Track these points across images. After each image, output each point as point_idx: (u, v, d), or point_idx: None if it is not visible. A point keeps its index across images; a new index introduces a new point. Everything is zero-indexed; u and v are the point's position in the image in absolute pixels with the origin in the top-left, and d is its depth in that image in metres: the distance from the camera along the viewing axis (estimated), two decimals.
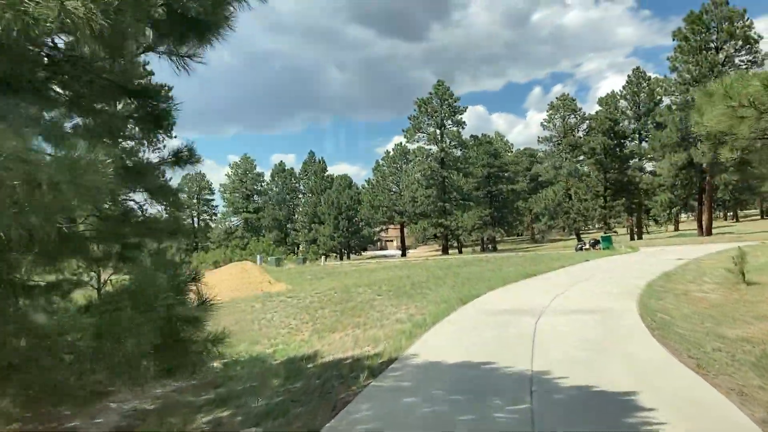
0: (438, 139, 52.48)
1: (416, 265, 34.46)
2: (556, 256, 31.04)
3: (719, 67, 43.76)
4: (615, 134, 61.20)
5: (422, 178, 52.05)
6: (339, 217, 69.33)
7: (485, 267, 27.74)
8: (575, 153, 63.31)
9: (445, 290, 19.06)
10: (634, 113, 70.04)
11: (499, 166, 68.02)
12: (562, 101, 63.87)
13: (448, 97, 52.25)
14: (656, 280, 17.62)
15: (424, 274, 26.17)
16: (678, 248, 32.08)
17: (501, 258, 33.84)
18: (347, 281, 26.74)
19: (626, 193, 61.63)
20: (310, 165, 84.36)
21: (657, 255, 26.75)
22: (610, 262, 24.98)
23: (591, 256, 28.01)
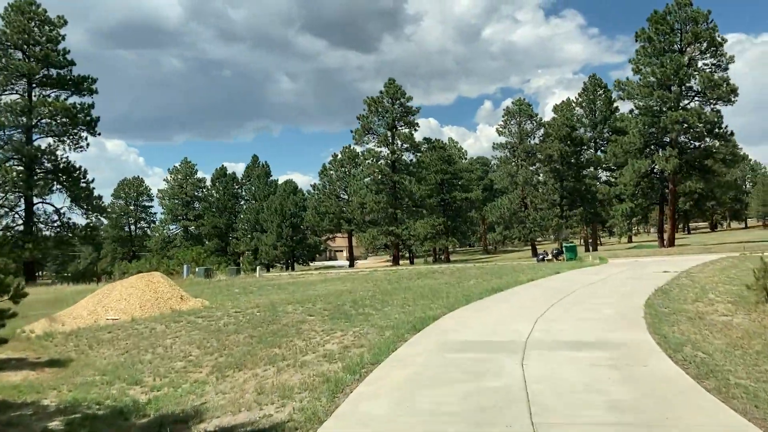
0: (389, 142, 48.79)
1: (362, 276, 30.53)
2: (518, 268, 27.61)
3: (684, 69, 41.65)
4: (572, 141, 58.91)
5: (372, 183, 48.21)
6: (282, 224, 64.83)
7: (441, 280, 24.00)
8: (531, 160, 60.74)
9: (393, 310, 15.20)
10: (590, 121, 68.18)
11: (453, 173, 64.87)
12: (518, 106, 61.36)
13: (400, 97, 48.75)
14: (653, 297, 14.21)
15: (369, 289, 22.25)
16: (651, 259, 29.16)
17: (457, 269, 30.22)
18: (279, 296, 22.53)
19: (584, 202, 59.34)
20: (253, 170, 79.54)
21: (634, 267, 23.55)
22: (584, 274, 21.60)
23: (560, 268, 24.66)
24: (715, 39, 41.91)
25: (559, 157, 58.32)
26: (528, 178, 59.67)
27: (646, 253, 39.50)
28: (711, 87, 41.47)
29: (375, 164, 48.22)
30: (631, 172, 44.91)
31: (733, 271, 19.68)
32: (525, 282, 19.46)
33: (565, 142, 58.44)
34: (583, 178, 60.33)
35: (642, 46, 44.13)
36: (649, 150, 46.71)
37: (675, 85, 42.53)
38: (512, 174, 60.80)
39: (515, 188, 60.55)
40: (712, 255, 29.23)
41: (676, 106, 42.28)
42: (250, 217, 72.12)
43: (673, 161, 41.71)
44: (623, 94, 44.97)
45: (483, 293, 16.65)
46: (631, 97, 44.62)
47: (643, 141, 45.30)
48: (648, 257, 31.87)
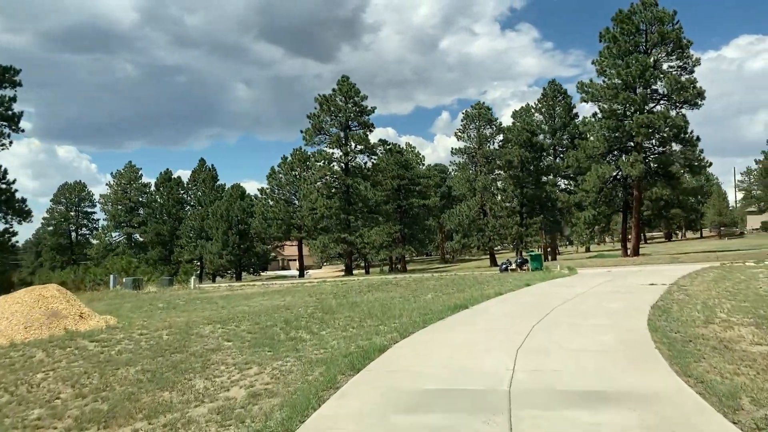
0: (342, 143, 45.61)
1: (307, 289, 27.26)
2: (481, 279, 24.79)
3: (651, 71, 39.89)
4: (532, 146, 56.97)
5: (323, 187, 44.91)
6: (229, 232, 60.84)
7: (395, 293, 20.97)
8: (491, 166, 58.52)
9: (332, 335, 12.09)
10: (549, 128, 66.54)
11: (411, 179, 62.18)
12: (477, 110, 59.13)
13: (354, 95, 45.69)
14: (654, 318, 11.47)
15: (311, 304, 19.09)
16: (624, 270, 26.78)
17: (414, 280, 27.24)
18: (203, 313, 19.08)
19: (544, 210, 57.41)
20: (199, 174, 75.19)
21: (612, 279, 20.95)
22: (558, 286, 18.86)
23: (528, 279, 21.91)
24: (682, 40, 40.35)
25: (519, 163, 56.28)
26: (487, 184, 57.38)
27: (612, 262, 37.35)
28: (678, 89, 39.84)
29: (327, 166, 44.91)
30: (595, 178, 42.89)
31: (727, 283, 17.24)
32: (492, 296, 16.55)
33: (525, 147, 56.44)
34: (543, 185, 58.44)
35: (607, 46, 42.28)
36: (612, 155, 44.87)
37: (640, 87, 40.77)
38: (471, 180, 58.41)
39: (474, 195, 58.16)
40: (687, 265, 27.07)
41: (641, 109, 40.47)
42: (195, 224, 67.76)
43: (639, 167, 39.84)
44: (587, 96, 42.98)
45: (444, 311, 13.65)
46: (595, 99, 42.68)
47: (607, 145, 43.39)
48: (619, 267, 29.54)
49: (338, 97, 45.60)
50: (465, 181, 59.60)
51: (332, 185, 46.48)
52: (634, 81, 40.45)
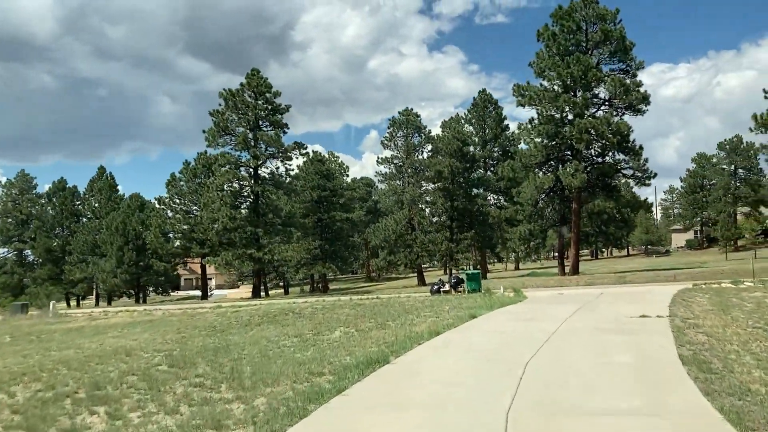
0: (250, 144, 39.56)
1: (185, 320, 21.25)
2: (410, 305, 19.57)
3: (593, 71, 36.40)
4: (463, 157, 52.88)
5: (227, 195, 38.66)
6: (125, 247, 53.25)
7: (293, 328, 15.46)
8: (419, 177, 53.97)
9: (139, 424, 6.37)
10: (480, 139, 62.92)
11: (333, 190, 56.78)
12: (405, 117, 54.59)
13: (266, 90, 39.85)
14: (709, 389, 6.55)
15: (166, 347, 13.34)
16: (578, 293, 22.28)
17: (327, 306, 21.73)
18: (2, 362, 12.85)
19: (475, 225, 53.30)
20: (96, 182, 66.93)
21: (579, 307, 16.17)
22: (512, 320, 13.85)
23: (469, 306, 16.86)
24: (625, 40, 37.17)
25: (449, 174, 51.98)
26: (415, 196, 52.69)
27: (554, 282, 33.18)
28: (622, 92, 36.51)
29: (231, 171, 38.71)
30: (532, 189, 38.92)
31: (738, 312, 12.79)
32: (425, 337, 11.31)
33: (455, 157, 52.26)
34: (474, 198, 54.41)
35: (546, 45, 38.57)
36: (550, 165, 41.14)
37: (582, 89, 37.21)
38: (398, 192, 53.58)
39: (401, 208, 53.36)
40: (646, 286, 23.03)
41: (582, 114, 36.90)
42: (88, 239, 59.54)
43: (580, 177, 36.09)
44: (523, 100, 39.03)
45: (349, 371, 8.28)
46: (533, 103, 38.77)
47: (545, 154, 39.57)
48: (568, 289, 25.12)
49: (247, 93, 39.66)
50: (392, 193, 54.74)
51: (238, 193, 40.27)
52: (576, 83, 36.87)
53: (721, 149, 78.05)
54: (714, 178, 79.83)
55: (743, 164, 75.74)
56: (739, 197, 74.98)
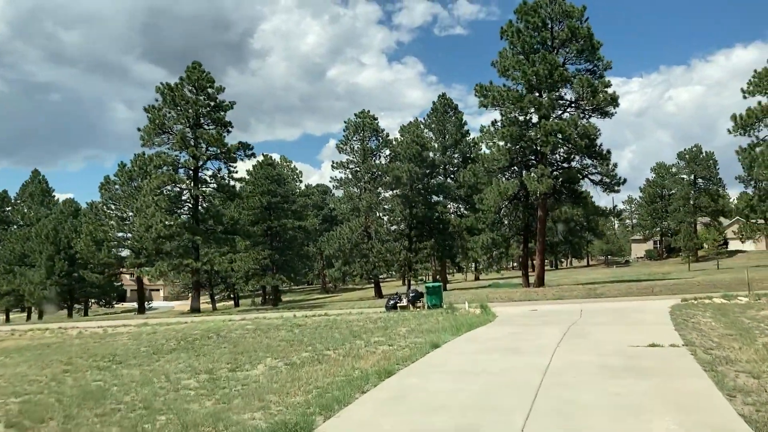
0: (189, 143, 35.83)
1: (89, 344, 17.75)
2: (359, 325, 16.50)
3: (560, 71, 34.18)
4: (423, 162, 50.25)
5: (163, 198, 34.74)
6: (56, 257, 48.68)
7: (206, 360, 12.21)
8: (376, 183, 51.08)
9: None
10: (440, 145, 60.48)
11: (284, 196, 53.34)
12: (362, 119, 51.73)
13: (208, 85, 36.22)
14: None
15: (3, 396, 9.87)
16: (551, 309, 19.57)
17: (263, 327, 18.46)
18: None
19: (435, 233, 50.67)
20: (29, 186, 61.84)
21: (564, 331, 13.30)
22: (485, 350, 10.88)
23: (431, 330, 13.89)
24: (592, 39, 35.12)
25: (408, 180, 49.26)
26: (372, 203, 49.77)
27: (520, 295, 30.57)
28: (589, 93, 34.38)
29: (167, 173, 34.88)
30: (496, 195, 36.37)
31: (766, 339, 10.13)
32: (372, 380, 8.22)
33: (414, 162, 49.60)
34: (434, 206, 51.78)
35: (510, 42, 36.23)
36: (514, 170, 38.79)
37: (547, 89, 34.94)
38: (354, 198, 50.59)
39: (357, 216, 50.34)
40: (623, 303, 20.52)
41: (548, 115, 34.63)
42: (16, 247, 54.55)
43: (547, 182, 33.72)
44: (486, 101, 36.55)
45: None
46: (496, 104, 36.32)
47: (509, 158, 37.15)
48: (539, 304, 22.45)
49: (186, 88, 36.02)
50: (347, 200, 51.70)
51: (177, 198, 36.44)
52: (541, 82, 34.57)
53: (680, 159, 77.64)
54: (674, 188, 79.34)
55: (703, 174, 75.35)
56: (699, 207, 74.49)
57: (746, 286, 28.00)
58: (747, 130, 25.79)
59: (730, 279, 30.64)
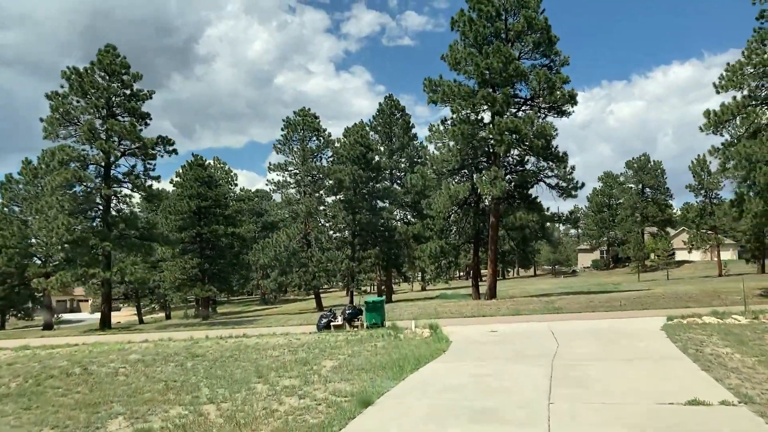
0: (99, 136, 31.09)
1: None
2: (274, 355, 12.75)
3: (516, 64, 31.41)
4: (367, 164, 46.83)
5: (67, 199, 29.93)
6: None
7: (21, 420, 8.12)
8: (317, 186, 47.35)
9: None
10: (386, 149, 57.37)
11: (216, 200, 48.86)
12: (301, 117, 47.96)
13: (122, 71, 31.60)
14: None
15: None
16: (515, 329, 16.28)
17: (148, 359, 14.48)
18: None
19: (381, 241, 47.23)
20: None
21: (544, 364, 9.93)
22: (443, 407, 7.37)
23: (363, 368, 10.32)
24: (550, 31, 32.55)
25: (351, 184, 45.69)
26: (312, 208, 46.00)
27: (471, 309, 27.41)
28: (546, 90, 31.74)
29: (72, 169, 30.09)
30: (446, 199, 33.24)
31: None
32: None
33: (358, 164, 46.12)
34: (379, 212, 48.36)
35: (462, 33, 33.23)
36: (465, 172, 35.84)
37: (501, 84, 32.05)
38: (292, 203, 46.71)
39: (296, 221, 46.51)
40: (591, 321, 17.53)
41: (503, 112, 31.77)
42: None
43: (500, 185, 30.78)
44: (435, 96, 33.45)
45: None
46: (447, 99, 33.22)
47: (459, 159, 34.14)
48: (498, 322, 19.18)
49: (98, 73, 31.47)
50: (285, 205, 47.78)
51: (81, 198, 31.62)
52: (495, 76, 31.73)
53: (629, 167, 76.92)
54: (621, 197, 78.55)
55: (651, 183, 74.71)
56: (646, 217, 73.74)
57: (718, 299, 25.76)
58: (720, 127, 23.34)
59: (696, 291, 28.35)
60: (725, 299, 25.14)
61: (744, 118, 23.36)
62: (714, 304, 23.82)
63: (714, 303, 24.04)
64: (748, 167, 21.98)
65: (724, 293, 26.63)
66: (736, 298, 25.33)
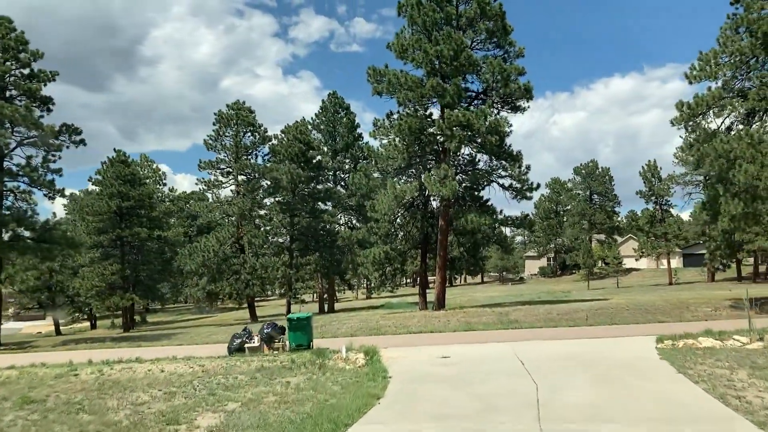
0: None
1: None
2: (149, 395, 9.22)
3: (467, 53, 28.63)
4: (307, 162, 43.34)
5: None
6: None
7: None
8: (252, 186, 43.48)
9: None
10: (330, 148, 54.03)
11: (139, 200, 44.32)
12: (235, 111, 44.04)
13: (18, 47, 27.09)
14: None
15: None
16: (471, 353, 13.16)
17: None
18: None
19: (322, 247, 43.75)
20: None
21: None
22: None
23: (264, 426, 7.00)
24: (504, 19, 29.92)
25: (289, 184, 42.11)
26: (246, 210, 42.08)
27: (418, 322, 24.31)
28: (501, 82, 29.06)
29: None
30: (391, 199, 30.08)
31: None
32: None
33: (297, 163, 42.59)
34: (320, 215, 44.87)
35: (409, 18, 30.24)
36: (412, 172, 32.83)
37: (452, 74, 29.16)
38: (224, 204, 42.70)
39: (228, 224, 42.52)
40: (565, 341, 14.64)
41: (453, 105, 28.85)
42: None
43: (451, 185, 27.85)
44: (380, 87, 30.30)
45: None
46: (393, 89, 30.12)
47: (407, 156, 31.09)
48: (447, 341, 16.05)
49: None
50: (216, 205, 43.69)
51: None
52: (445, 65, 28.87)
53: (577, 173, 75.85)
54: (569, 203, 77.39)
55: (599, 189, 73.73)
56: (594, 224, 72.68)
57: (687, 310, 23.42)
58: (692, 121, 21.01)
59: (661, 302, 26.06)
60: (696, 311, 22.85)
61: (719, 110, 21.09)
62: (685, 317, 21.46)
63: (685, 316, 21.68)
64: (726, 165, 19.59)
65: (693, 305, 24.39)
66: (707, 310, 23.09)
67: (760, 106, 20.18)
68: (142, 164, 55.32)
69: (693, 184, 51.98)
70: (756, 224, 20.42)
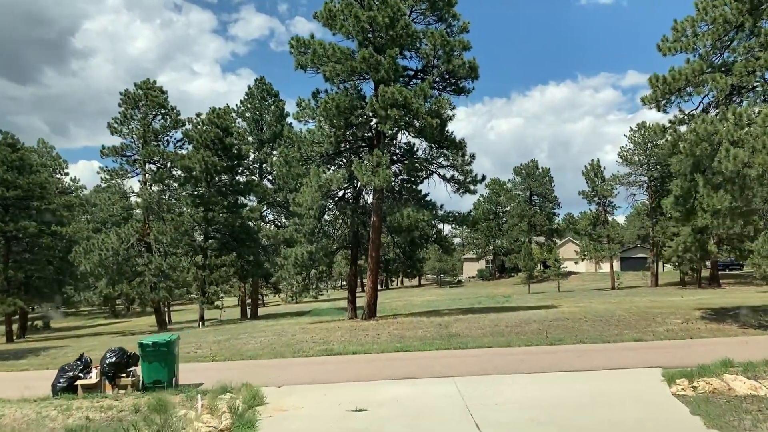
0: None
1: None
2: None
3: (405, 21, 24.65)
4: (225, 150, 38.40)
5: None
6: None
7: None
8: (161, 175, 38.19)
9: None
10: (255, 138, 49.21)
11: (29, 189, 38.20)
12: (144, 90, 38.58)
13: None
14: None
15: None
16: (408, 393, 9.12)
17: None
18: None
19: (242, 245, 38.88)
20: None
21: None
22: None
23: None
24: None
25: (202, 173, 37.10)
26: (152, 203, 36.80)
27: (342, 335, 20.15)
28: (443, 57, 25.22)
29: None
30: (314, 190, 25.67)
31: None
32: None
33: (213, 150, 37.60)
34: (239, 210, 39.98)
35: None
36: (342, 159, 28.61)
37: (388, 46, 25.10)
38: (126, 195, 37.28)
39: (130, 219, 37.05)
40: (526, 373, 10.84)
41: (389, 81, 24.79)
42: None
43: (385, 173, 23.78)
44: (305, 59, 25.95)
45: None
46: (319, 62, 25.79)
47: (335, 141, 26.84)
48: (372, 366, 11.92)
49: None
50: (117, 197, 38.17)
51: None
52: (380, 34, 24.88)
53: (517, 174, 73.47)
54: (509, 204, 74.96)
55: (539, 190, 71.53)
56: (534, 226, 70.42)
57: (653, 322, 20.15)
58: (667, 99, 17.67)
59: (621, 312, 22.79)
60: (665, 323, 19.59)
61: (697, 87, 17.84)
62: (658, 332, 18.12)
63: (657, 331, 18.35)
64: (709, 151, 16.28)
65: (659, 315, 21.19)
66: (678, 321, 19.86)
67: (748, 81, 17.01)
68: (39, 150, 48.75)
69: (637, 184, 50.01)
70: (744, 220, 17.22)
